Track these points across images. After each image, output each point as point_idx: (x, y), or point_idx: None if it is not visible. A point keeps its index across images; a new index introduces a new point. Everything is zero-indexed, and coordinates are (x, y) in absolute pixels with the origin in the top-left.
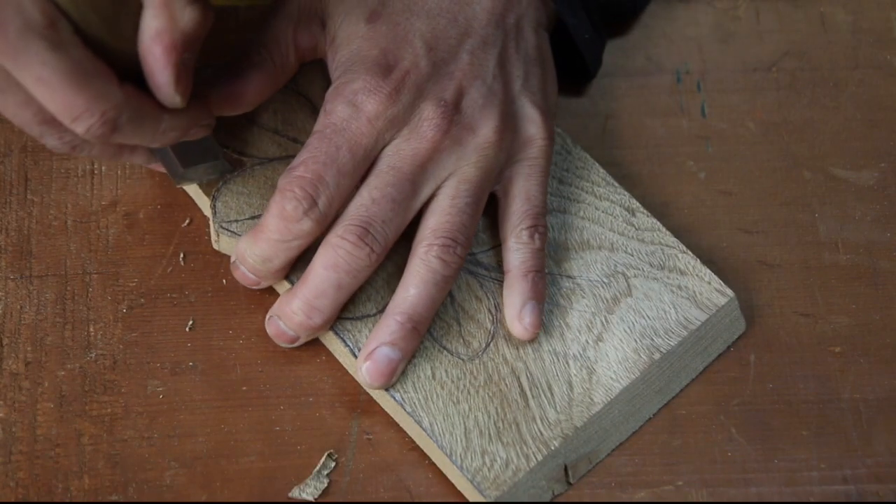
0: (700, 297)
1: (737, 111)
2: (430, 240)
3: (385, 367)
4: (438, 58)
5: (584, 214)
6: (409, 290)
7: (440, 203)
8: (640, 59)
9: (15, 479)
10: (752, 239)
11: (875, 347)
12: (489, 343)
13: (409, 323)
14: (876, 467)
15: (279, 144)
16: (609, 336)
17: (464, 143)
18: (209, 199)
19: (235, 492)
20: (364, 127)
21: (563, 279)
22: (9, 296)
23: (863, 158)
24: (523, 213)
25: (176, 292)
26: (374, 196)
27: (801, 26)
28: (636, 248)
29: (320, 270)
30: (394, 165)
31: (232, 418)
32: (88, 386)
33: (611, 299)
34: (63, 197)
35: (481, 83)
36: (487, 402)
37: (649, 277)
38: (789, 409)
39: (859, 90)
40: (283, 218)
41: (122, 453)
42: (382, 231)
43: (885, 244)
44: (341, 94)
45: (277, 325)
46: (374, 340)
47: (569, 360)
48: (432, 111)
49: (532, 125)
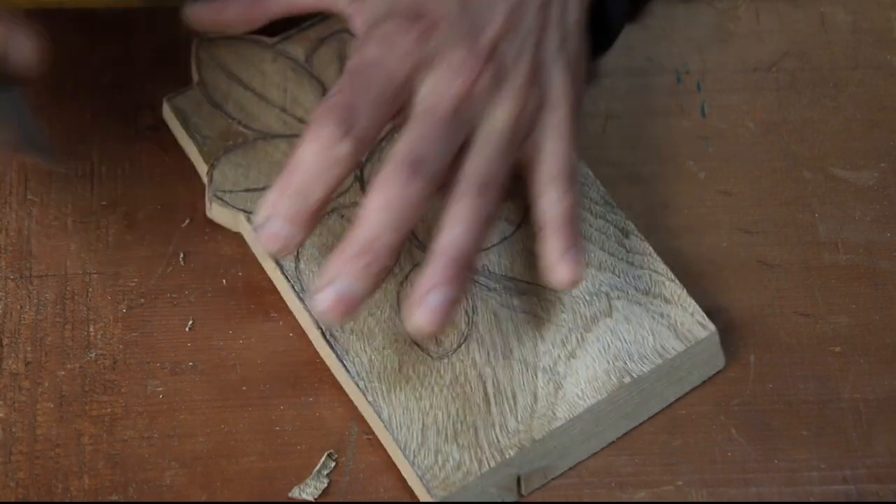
0: (681, 327)
1: (737, 111)
2: (466, 182)
3: (438, 311)
4: (471, 11)
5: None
6: (452, 231)
7: (472, 151)
8: (640, 59)
9: (15, 479)
10: (752, 239)
11: (875, 347)
12: (461, 344)
13: (456, 262)
14: (876, 467)
15: (284, 122)
16: (582, 354)
17: (493, 95)
18: (207, 165)
19: (235, 492)
20: (395, 63)
21: (545, 290)
22: (9, 296)
23: (863, 158)
24: (556, 169)
25: (176, 292)
26: (417, 136)
27: (801, 26)
28: (624, 270)
29: (376, 212)
30: (430, 107)
31: (232, 418)
32: (88, 386)
33: (590, 317)
34: (63, 197)
35: (515, 37)
36: (450, 402)
37: (632, 301)
38: (789, 409)
39: (859, 90)
40: (322, 143)
41: (122, 453)
42: (430, 169)
43: (885, 244)
44: (372, 37)
45: (335, 291)
46: (423, 286)
47: (538, 372)
48: (462, 57)
49: (560, 88)
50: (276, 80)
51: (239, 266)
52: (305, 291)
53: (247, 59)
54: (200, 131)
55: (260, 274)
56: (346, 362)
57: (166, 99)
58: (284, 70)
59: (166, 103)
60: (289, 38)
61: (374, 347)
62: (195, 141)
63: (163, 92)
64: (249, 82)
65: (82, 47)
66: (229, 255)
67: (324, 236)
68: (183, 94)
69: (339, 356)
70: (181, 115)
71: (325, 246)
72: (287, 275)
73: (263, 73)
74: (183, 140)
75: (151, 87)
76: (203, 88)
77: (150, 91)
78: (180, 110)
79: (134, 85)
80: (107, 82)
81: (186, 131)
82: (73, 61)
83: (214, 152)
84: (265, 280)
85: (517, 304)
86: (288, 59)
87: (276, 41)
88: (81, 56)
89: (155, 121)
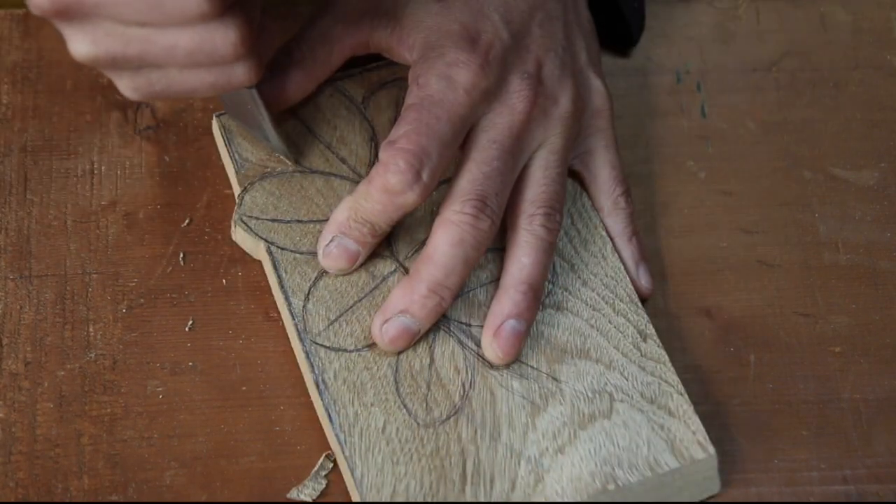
0: (679, 443)
1: (737, 111)
2: (531, 210)
3: (513, 340)
4: (515, 30)
5: (596, 324)
6: (522, 261)
7: (534, 175)
8: (640, 59)
9: (15, 479)
10: (752, 239)
11: (875, 347)
12: (450, 416)
13: (530, 292)
14: (876, 467)
15: (326, 159)
16: (571, 451)
17: (549, 115)
18: (241, 188)
19: (235, 492)
20: (461, 98)
21: (548, 379)
22: (8, 296)
23: (863, 158)
24: (613, 179)
25: (176, 292)
26: (484, 170)
27: (801, 26)
28: (634, 374)
29: (446, 248)
30: (494, 139)
31: (232, 418)
32: (88, 386)
33: (588, 415)
34: (63, 197)
35: (554, 55)
36: (426, 472)
37: (635, 407)
38: (789, 409)
39: (859, 90)
40: (387, 191)
41: (122, 453)
42: (496, 203)
43: (885, 244)
44: (433, 68)
45: (402, 324)
46: (498, 315)
47: (521, 461)
48: (520, 84)
49: (598, 96)
50: (327, 115)
51: (239, 266)
52: (307, 332)
53: None
54: (241, 153)
55: (260, 274)
56: (332, 412)
57: (216, 115)
58: (338, 107)
59: (215, 120)
60: (351, 76)
61: (363, 402)
62: (234, 162)
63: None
64: (301, 113)
65: None
66: (229, 255)
67: (338, 279)
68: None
69: (326, 406)
70: (226, 134)
71: (336, 290)
72: (293, 312)
73: (317, 105)
74: (224, 158)
75: None
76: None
77: None
78: (227, 129)
79: None
80: (107, 82)
81: (228, 151)
82: (73, 61)
83: (251, 177)
84: (265, 280)
85: (516, 387)
86: (344, 97)
87: (338, 77)
88: None
89: (155, 121)
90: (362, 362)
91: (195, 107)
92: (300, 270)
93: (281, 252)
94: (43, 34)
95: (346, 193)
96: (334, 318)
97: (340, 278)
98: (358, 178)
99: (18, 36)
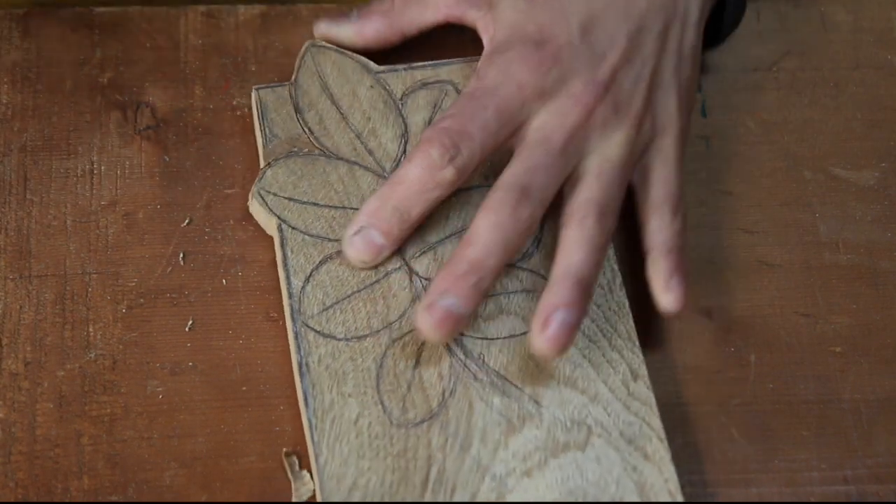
0: (649, 489)
1: (737, 111)
2: (584, 209)
3: (563, 330)
4: (593, 38)
5: (589, 355)
6: (573, 257)
7: (586, 180)
8: None
9: (14, 479)
10: (752, 239)
11: (875, 347)
12: (424, 421)
13: (579, 286)
14: (876, 468)
15: (354, 148)
16: (539, 476)
17: (608, 125)
18: (265, 162)
19: (235, 492)
20: (513, 91)
21: (529, 401)
22: (8, 296)
23: (863, 158)
24: (664, 194)
25: (176, 292)
26: (528, 165)
27: (801, 26)
28: (617, 411)
29: (486, 229)
30: (544, 137)
31: (232, 418)
32: (88, 386)
33: (562, 444)
34: (62, 197)
35: (633, 65)
36: (388, 471)
37: (612, 445)
38: (789, 409)
39: (859, 90)
40: (428, 165)
41: (122, 453)
42: (539, 196)
43: (886, 244)
44: (494, 62)
45: (445, 307)
46: (546, 308)
47: (486, 476)
48: (581, 88)
49: (670, 115)
50: (364, 106)
51: (239, 266)
52: (301, 313)
53: (346, 77)
54: (272, 129)
55: (260, 274)
56: (309, 396)
57: (255, 88)
58: (376, 100)
59: (254, 92)
60: (394, 71)
61: (341, 392)
62: (263, 136)
63: (163, 92)
64: (339, 99)
65: (82, 47)
66: (229, 255)
67: (342, 267)
68: (272, 89)
69: (304, 389)
70: (262, 107)
71: (337, 278)
72: (291, 292)
73: (356, 95)
74: (256, 131)
75: (151, 87)
76: (293, 89)
77: (149, 91)
78: (263, 102)
79: (134, 85)
80: (107, 82)
81: (260, 124)
82: (73, 61)
83: (277, 153)
84: (265, 280)
85: (496, 404)
86: (384, 91)
87: (382, 70)
88: (81, 56)
89: (155, 121)
90: (348, 352)
91: (195, 107)
92: (306, 252)
93: (291, 231)
94: (43, 34)
95: (367, 185)
96: (330, 304)
97: (344, 267)
98: (382, 171)
99: (18, 36)
